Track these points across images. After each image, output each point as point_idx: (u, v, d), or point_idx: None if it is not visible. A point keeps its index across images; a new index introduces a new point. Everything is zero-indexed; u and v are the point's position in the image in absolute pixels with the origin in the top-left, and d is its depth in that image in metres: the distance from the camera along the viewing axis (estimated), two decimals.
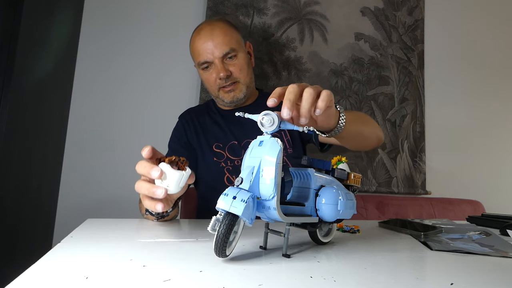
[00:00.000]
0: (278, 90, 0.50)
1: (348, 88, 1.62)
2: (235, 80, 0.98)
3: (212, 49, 0.94)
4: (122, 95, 1.41)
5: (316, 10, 1.61)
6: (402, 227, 0.70)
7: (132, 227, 0.62)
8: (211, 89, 1.00)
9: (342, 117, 0.63)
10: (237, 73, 0.97)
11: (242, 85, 0.99)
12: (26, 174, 1.08)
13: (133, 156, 1.38)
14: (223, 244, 0.40)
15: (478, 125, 1.83)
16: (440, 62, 1.79)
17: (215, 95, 1.02)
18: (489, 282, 0.39)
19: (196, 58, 0.98)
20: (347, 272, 0.40)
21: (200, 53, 0.96)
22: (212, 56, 0.94)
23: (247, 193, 0.41)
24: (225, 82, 0.97)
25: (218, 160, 0.99)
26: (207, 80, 0.99)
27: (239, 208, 0.39)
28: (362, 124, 0.83)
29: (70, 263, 0.39)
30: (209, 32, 0.95)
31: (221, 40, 0.94)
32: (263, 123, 0.45)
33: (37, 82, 1.11)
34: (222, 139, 1.01)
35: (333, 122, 0.62)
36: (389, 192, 1.62)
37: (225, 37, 0.95)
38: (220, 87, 0.98)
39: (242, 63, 0.98)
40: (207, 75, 0.98)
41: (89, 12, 1.41)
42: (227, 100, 1.00)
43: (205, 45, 0.94)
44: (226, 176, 0.96)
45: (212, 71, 0.97)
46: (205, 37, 0.95)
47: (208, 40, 0.94)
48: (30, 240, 1.13)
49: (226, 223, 0.40)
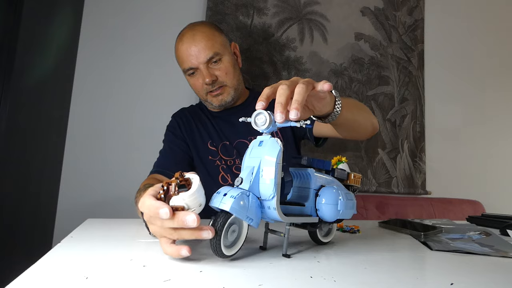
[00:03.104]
0: (266, 92, 0.48)
1: (348, 88, 1.62)
2: (222, 84, 0.97)
3: (196, 55, 0.93)
4: (122, 95, 1.40)
5: (316, 10, 1.61)
6: (402, 227, 0.70)
7: (132, 227, 0.62)
8: (199, 94, 1.00)
9: (338, 103, 0.62)
10: (223, 77, 0.96)
11: (230, 88, 0.99)
12: (26, 174, 1.08)
13: (133, 156, 1.39)
14: (218, 243, 0.40)
15: (478, 125, 1.82)
16: (440, 62, 1.79)
17: (203, 99, 1.02)
18: (489, 282, 0.39)
19: (181, 64, 0.98)
20: (347, 272, 0.40)
21: (184, 60, 0.95)
22: (197, 62, 0.93)
23: (238, 190, 0.41)
24: (212, 87, 0.96)
25: (213, 158, 0.99)
26: (194, 85, 0.99)
27: (228, 203, 0.39)
28: (357, 111, 0.80)
29: (70, 263, 0.39)
30: (191, 37, 0.94)
31: (204, 45, 0.93)
32: (257, 123, 0.45)
33: (37, 82, 1.11)
34: (216, 139, 1.02)
35: (329, 107, 0.61)
36: (389, 192, 1.62)
37: (208, 41, 0.93)
38: (207, 92, 0.98)
39: (227, 66, 0.97)
40: (194, 81, 0.98)
41: (89, 12, 1.41)
42: (215, 104, 1.00)
43: (188, 51, 0.93)
44: (221, 175, 0.97)
45: (198, 76, 0.96)
46: (187, 43, 0.94)
47: (191, 46, 0.93)
48: (30, 240, 1.13)
49: (220, 221, 0.40)
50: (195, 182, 0.42)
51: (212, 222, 0.41)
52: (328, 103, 0.60)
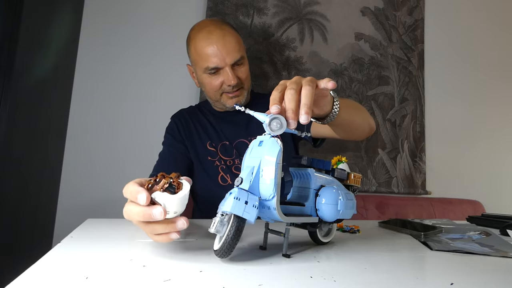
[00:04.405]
0: (278, 95, 0.48)
1: (348, 88, 1.62)
2: (241, 86, 0.97)
3: (224, 56, 0.91)
4: (122, 95, 1.41)
5: (316, 10, 1.61)
6: (402, 227, 0.70)
7: (132, 227, 0.62)
8: (212, 93, 0.98)
9: (336, 104, 0.63)
10: (244, 80, 0.97)
11: (245, 91, 0.99)
12: (26, 174, 1.08)
13: (133, 156, 1.39)
14: (230, 248, 0.40)
15: (478, 125, 1.82)
16: (440, 62, 1.79)
17: (215, 99, 0.99)
18: (489, 282, 0.39)
19: (203, 62, 0.93)
20: (347, 272, 0.40)
21: (210, 59, 0.92)
22: (224, 63, 0.92)
23: (255, 198, 0.41)
24: (231, 89, 0.95)
25: (212, 159, 0.99)
26: (210, 84, 0.96)
27: (252, 214, 0.40)
28: (355, 111, 0.80)
29: (70, 263, 0.39)
30: (221, 37, 0.92)
31: (233, 47, 0.92)
32: (272, 128, 0.44)
33: (37, 82, 1.11)
34: (215, 139, 1.02)
35: (327, 108, 0.61)
36: (389, 192, 1.61)
37: (236, 44, 0.93)
38: (223, 92, 0.97)
39: (247, 70, 0.98)
40: (212, 80, 0.95)
41: (89, 12, 1.41)
42: (228, 105, 0.98)
43: (216, 51, 0.91)
44: (220, 175, 0.96)
45: (219, 76, 0.94)
46: (217, 43, 0.91)
47: (220, 46, 0.91)
48: (30, 240, 1.13)
49: (235, 227, 0.40)
50: (184, 190, 0.43)
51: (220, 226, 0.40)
52: (327, 103, 0.61)
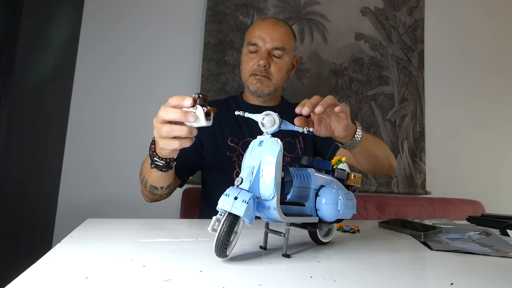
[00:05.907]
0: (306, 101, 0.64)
1: (348, 88, 1.62)
2: (269, 74, 1.01)
3: (267, 38, 0.99)
4: (122, 95, 1.40)
5: (316, 10, 1.61)
6: (402, 227, 0.70)
7: (132, 227, 0.62)
8: (245, 71, 1.03)
9: (358, 131, 0.73)
10: (274, 70, 1.00)
11: (271, 83, 1.02)
12: (26, 174, 1.08)
13: (133, 156, 1.39)
14: (224, 245, 0.40)
15: (478, 125, 1.82)
16: (440, 62, 1.79)
17: (244, 79, 1.05)
18: (489, 282, 0.39)
19: (249, 37, 1.02)
20: (347, 272, 0.40)
21: (255, 35, 1.00)
22: (263, 42, 0.99)
23: (248, 194, 0.41)
24: (259, 71, 0.99)
25: (231, 154, 0.99)
26: (246, 61, 1.02)
27: (241, 208, 0.39)
28: (376, 146, 0.89)
29: (70, 263, 0.39)
30: (273, 24, 1.01)
31: (278, 35, 0.99)
32: (263, 123, 0.45)
33: (37, 82, 1.11)
34: (238, 134, 1.02)
35: (349, 133, 0.72)
36: (389, 192, 1.62)
37: (282, 35, 1.00)
38: (252, 73, 1.01)
39: (282, 65, 1.02)
40: (249, 58, 1.01)
41: (89, 12, 1.41)
42: (252, 88, 1.02)
43: (263, 31, 0.99)
44: (236, 171, 0.97)
45: (255, 56, 1.00)
46: (267, 25, 1.01)
47: (268, 29, 1.00)
48: (30, 240, 1.13)
49: (227, 223, 0.40)
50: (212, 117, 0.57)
51: (215, 224, 0.41)
52: (349, 128, 0.72)
